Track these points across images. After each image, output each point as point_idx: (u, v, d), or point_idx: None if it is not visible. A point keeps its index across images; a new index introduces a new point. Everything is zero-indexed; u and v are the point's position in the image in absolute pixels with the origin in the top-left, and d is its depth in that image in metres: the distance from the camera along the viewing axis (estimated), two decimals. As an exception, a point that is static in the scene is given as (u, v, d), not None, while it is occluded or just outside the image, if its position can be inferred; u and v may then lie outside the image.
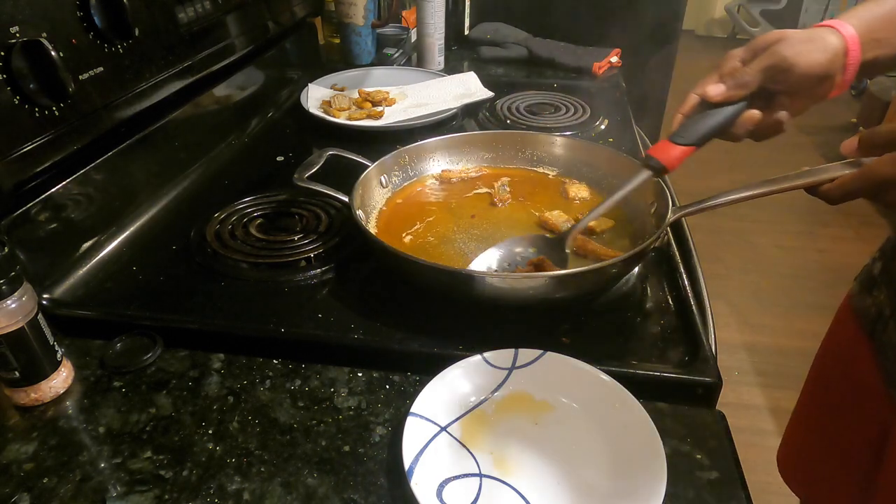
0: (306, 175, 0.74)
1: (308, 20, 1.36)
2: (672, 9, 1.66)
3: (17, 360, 0.52)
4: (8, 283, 0.49)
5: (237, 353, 0.60)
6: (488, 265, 0.67)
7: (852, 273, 0.78)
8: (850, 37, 0.56)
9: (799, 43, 0.56)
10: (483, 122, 1.12)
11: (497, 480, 0.47)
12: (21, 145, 0.61)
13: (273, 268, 0.70)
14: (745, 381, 1.86)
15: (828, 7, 4.13)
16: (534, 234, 0.71)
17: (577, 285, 0.61)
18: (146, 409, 0.54)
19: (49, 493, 0.47)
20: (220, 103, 1.01)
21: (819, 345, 0.84)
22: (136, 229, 0.78)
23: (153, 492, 0.47)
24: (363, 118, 1.08)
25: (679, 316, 0.63)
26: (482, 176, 0.86)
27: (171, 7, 0.83)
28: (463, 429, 0.51)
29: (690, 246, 0.79)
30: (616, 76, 1.35)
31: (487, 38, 1.49)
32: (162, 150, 0.86)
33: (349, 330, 0.61)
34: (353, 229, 0.74)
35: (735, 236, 2.52)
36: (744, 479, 0.48)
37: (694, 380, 0.55)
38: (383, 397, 0.55)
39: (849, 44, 0.56)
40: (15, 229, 0.62)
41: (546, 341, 0.58)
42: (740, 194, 0.62)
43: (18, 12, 0.60)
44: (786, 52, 0.56)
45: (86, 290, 0.68)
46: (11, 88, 0.59)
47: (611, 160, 0.81)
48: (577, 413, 0.52)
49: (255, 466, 0.49)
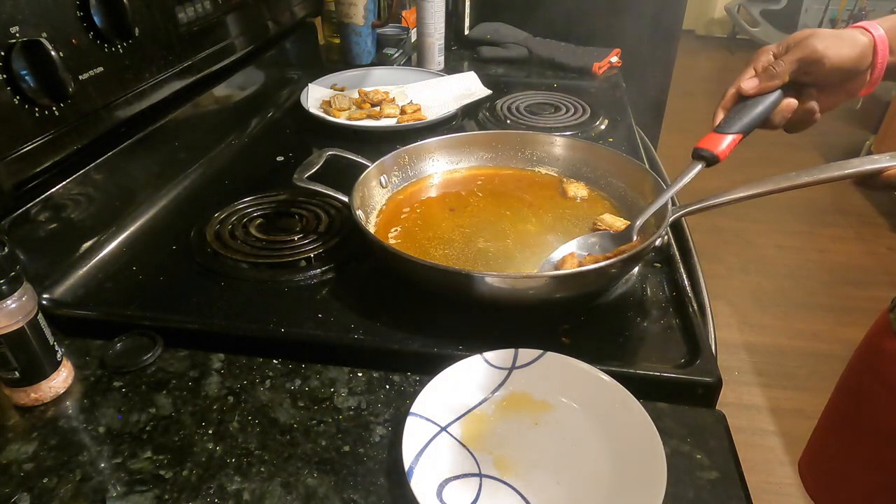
0: (306, 175, 0.74)
1: (308, 20, 1.36)
2: (672, 9, 1.66)
3: (17, 360, 0.52)
4: (8, 283, 0.49)
5: (237, 353, 0.60)
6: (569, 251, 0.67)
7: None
8: (879, 37, 0.59)
9: (829, 37, 0.59)
10: (483, 122, 1.12)
11: (497, 480, 0.47)
12: (21, 145, 0.61)
13: (273, 268, 0.70)
14: (745, 381, 1.86)
15: (828, 7, 4.13)
16: (600, 231, 0.70)
17: (577, 285, 0.61)
18: (146, 409, 0.54)
19: (49, 493, 0.47)
20: (220, 103, 1.01)
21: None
22: (135, 229, 0.78)
23: (153, 492, 0.47)
24: (363, 118, 1.08)
25: (679, 316, 0.63)
26: (482, 176, 0.86)
27: (171, 7, 0.83)
28: (463, 429, 0.51)
29: (690, 246, 0.79)
30: (616, 76, 1.35)
31: (487, 38, 1.49)
32: (162, 150, 0.86)
33: (349, 330, 0.61)
34: (353, 229, 0.74)
35: (735, 236, 2.52)
36: (744, 479, 0.48)
37: (694, 380, 0.55)
38: (383, 397, 0.55)
39: (878, 43, 0.59)
40: (15, 229, 0.62)
41: (546, 341, 0.58)
42: (740, 194, 0.63)
43: (18, 12, 0.60)
44: (817, 44, 0.59)
45: (86, 290, 0.68)
46: (11, 88, 0.59)
47: (610, 160, 0.81)
48: (577, 413, 0.52)
49: (255, 466, 0.49)
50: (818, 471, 0.88)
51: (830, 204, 2.72)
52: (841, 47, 0.58)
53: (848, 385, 0.83)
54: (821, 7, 4.17)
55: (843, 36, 0.59)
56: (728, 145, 0.62)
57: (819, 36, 0.59)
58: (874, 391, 0.76)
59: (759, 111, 0.62)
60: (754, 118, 0.62)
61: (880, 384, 0.75)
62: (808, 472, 0.90)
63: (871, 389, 0.77)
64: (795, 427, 1.68)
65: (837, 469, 0.84)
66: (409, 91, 1.19)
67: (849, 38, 0.59)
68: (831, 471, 0.85)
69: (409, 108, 1.09)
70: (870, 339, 0.79)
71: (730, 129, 0.62)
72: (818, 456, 0.89)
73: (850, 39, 0.59)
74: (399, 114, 1.09)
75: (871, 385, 0.77)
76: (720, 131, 0.63)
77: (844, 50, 0.58)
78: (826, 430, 0.87)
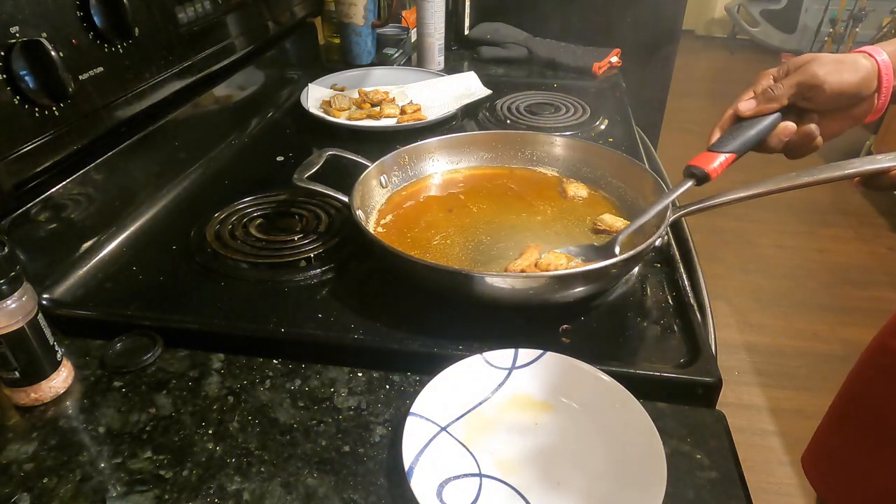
0: (306, 175, 0.74)
1: (308, 20, 1.36)
2: (672, 9, 1.66)
3: (17, 360, 0.52)
4: (8, 283, 0.49)
5: (237, 353, 0.60)
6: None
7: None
8: (882, 62, 0.58)
9: (830, 63, 0.58)
10: (483, 122, 1.12)
11: (497, 480, 0.47)
12: (21, 145, 0.61)
13: (273, 268, 0.70)
14: (745, 381, 1.86)
15: (828, 7, 4.13)
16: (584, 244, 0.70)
17: (577, 285, 0.61)
18: (146, 409, 0.54)
19: (49, 493, 0.47)
20: (220, 103, 1.01)
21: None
22: (135, 229, 0.78)
23: (153, 492, 0.47)
24: (363, 118, 1.08)
25: (679, 316, 0.63)
26: (482, 176, 0.86)
27: (171, 7, 0.83)
28: (463, 429, 0.51)
29: (690, 246, 0.79)
30: (616, 76, 1.35)
31: (487, 38, 1.49)
32: (162, 150, 0.86)
33: (349, 330, 0.61)
34: (353, 229, 0.74)
35: (735, 236, 2.52)
36: (744, 479, 0.48)
37: (694, 380, 0.55)
38: (383, 397, 0.55)
39: (882, 68, 0.58)
40: (15, 229, 0.62)
41: (546, 341, 0.58)
42: (740, 194, 0.63)
43: (18, 12, 0.60)
44: (817, 70, 0.58)
45: (86, 290, 0.68)
46: (11, 88, 0.59)
47: (610, 160, 0.81)
48: (577, 413, 0.52)
49: (255, 466, 0.49)
50: (823, 465, 0.88)
51: (830, 204, 2.72)
52: (842, 73, 0.58)
53: (856, 383, 0.84)
54: (821, 7, 4.17)
55: (845, 61, 0.58)
56: (720, 164, 0.62)
57: (820, 61, 0.58)
58: (884, 389, 0.77)
59: (755, 132, 0.62)
60: (749, 139, 0.62)
61: (890, 382, 0.76)
62: (812, 467, 0.90)
63: (880, 388, 0.77)
64: (795, 427, 1.68)
65: (845, 464, 0.84)
66: (409, 91, 1.19)
67: (850, 63, 0.58)
68: (838, 465, 0.86)
69: (409, 108, 1.09)
70: (879, 338, 0.80)
71: (723, 149, 0.62)
72: (823, 451, 0.89)
73: (851, 65, 0.58)
74: (399, 114, 1.09)
75: (880, 383, 0.77)
76: (713, 150, 0.63)
77: (845, 76, 0.58)
78: (832, 426, 0.88)
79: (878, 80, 0.58)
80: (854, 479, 0.82)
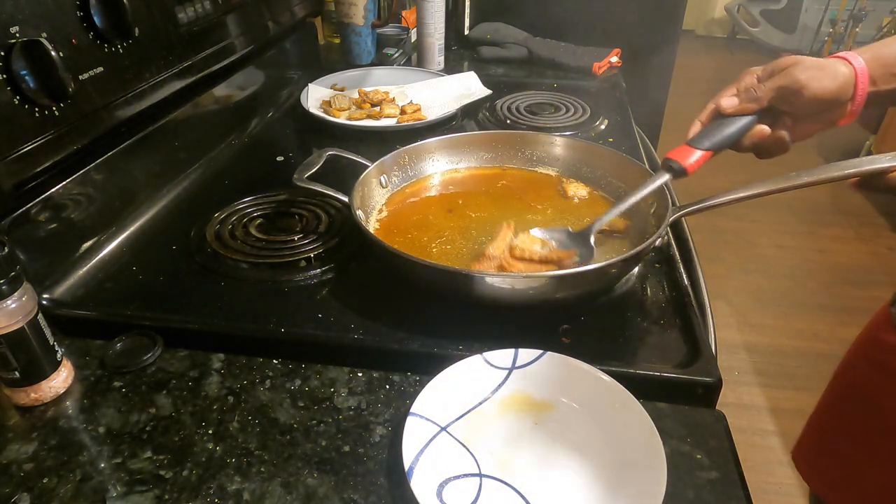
0: (306, 175, 0.74)
1: (308, 20, 1.36)
2: (672, 9, 1.66)
3: (17, 360, 0.52)
4: (8, 283, 0.49)
5: (237, 353, 0.60)
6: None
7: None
8: (859, 68, 0.59)
9: (812, 68, 0.59)
10: (483, 122, 1.12)
11: (497, 480, 0.47)
12: (21, 145, 0.61)
13: (273, 268, 0.70)
14: (745, 381, 1.86)
15: (828, 7, 4.13)
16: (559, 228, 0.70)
17: (577, 285, 0.61)
18: (146, 409, 0.54)
19: (49, 493, 0.47)
20: (220, 103, 1.01)
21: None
22: (135, 229, 0.78)
23: (153, 492, 0.47)
24: (363, 118, 1.08)
25: (679, 316, 0.63)
26: (482, 176, 0.86)
27: (171, 7, 0.83)
28: (463, 429, 0.51)
29: (690, 246, 0.79)
30: (616, 76, 1.35)
31: (487, 38, 1.49)
32: (162, 150, 0.86)
33: (349, 330, 0.61)
34: (353, 229, 0.74)
35: (735, 236, 2.52)
36: (744, 479, 0.48)
37: (694, 380, 0.55)
38: (383, 397, 0.55)
39: (858, 74, 0.59)
40: (15, 229, 0.62)
41: (546, 341, 0.58)
42: (740, 194, 0.63)
43: (18, 12, 0.60)
44: (799, 75, 0.59)
45: (86, 290, 0.68)
46: (11, 88, 0.59)
47: (610, 160, 0.81)
48: (577, 413, 0.52)
49: (255, 466, 0.49)
50: (814, 459, 0.89)
51: (830, 204, 2.72)
52: (822, 79, 0.58)
53: (846, 377, 0.84)
54: (821, 7, 4.16)
55: (826, 67, 0.59)
56: (696, 160, 0.62)
57: (802, 66, 0.59)
58: (875, 382, 0.77)
59: (732, 132, 0.62)
60: (726, 138, 0.62)
61: (881, 374, 0.76)
62: (803, 461, 0.91)
63: (871, 380, 0.78)
64: (795, 427, 1.67)
65: (836, 457, 0.85)
66: (409, 91, 1.19)
67: (830, 69, 0.59)
68: (830, 459, 0.86)
69: (409, 108, 1.09)
70: (869, 332, 0.80)
71: (701, 145, 0.63)
72: (813, 445, 0.90)
73: (831, 71, 0.58)
74: (399, 114, 1.09)
75: (871, 376, 0.78)
76: (692, 145, 0.63)
77: (825, 82, 0.58)
78: (823, 420, 0.88)
79: (854, 87, 0.59)
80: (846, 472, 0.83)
